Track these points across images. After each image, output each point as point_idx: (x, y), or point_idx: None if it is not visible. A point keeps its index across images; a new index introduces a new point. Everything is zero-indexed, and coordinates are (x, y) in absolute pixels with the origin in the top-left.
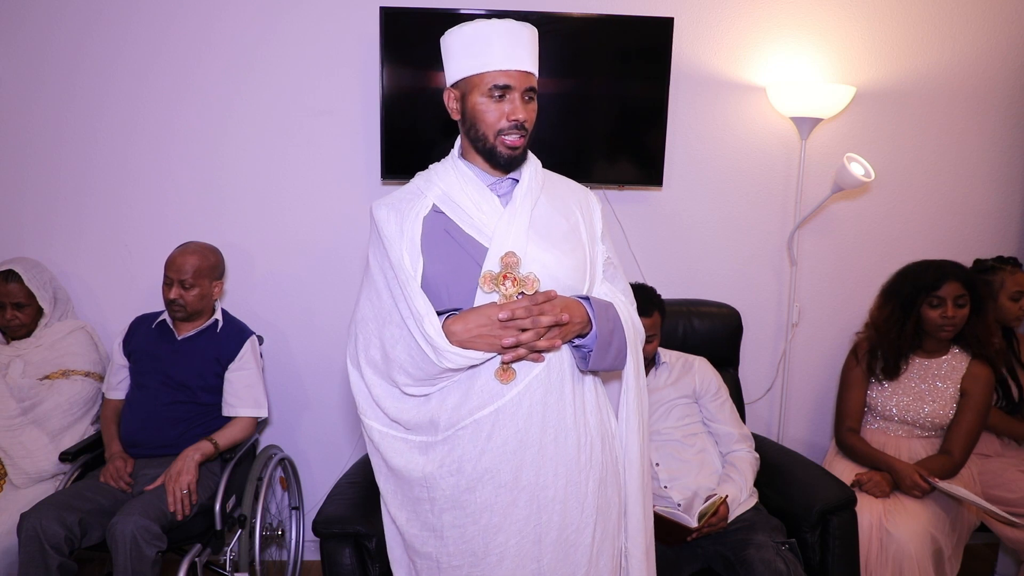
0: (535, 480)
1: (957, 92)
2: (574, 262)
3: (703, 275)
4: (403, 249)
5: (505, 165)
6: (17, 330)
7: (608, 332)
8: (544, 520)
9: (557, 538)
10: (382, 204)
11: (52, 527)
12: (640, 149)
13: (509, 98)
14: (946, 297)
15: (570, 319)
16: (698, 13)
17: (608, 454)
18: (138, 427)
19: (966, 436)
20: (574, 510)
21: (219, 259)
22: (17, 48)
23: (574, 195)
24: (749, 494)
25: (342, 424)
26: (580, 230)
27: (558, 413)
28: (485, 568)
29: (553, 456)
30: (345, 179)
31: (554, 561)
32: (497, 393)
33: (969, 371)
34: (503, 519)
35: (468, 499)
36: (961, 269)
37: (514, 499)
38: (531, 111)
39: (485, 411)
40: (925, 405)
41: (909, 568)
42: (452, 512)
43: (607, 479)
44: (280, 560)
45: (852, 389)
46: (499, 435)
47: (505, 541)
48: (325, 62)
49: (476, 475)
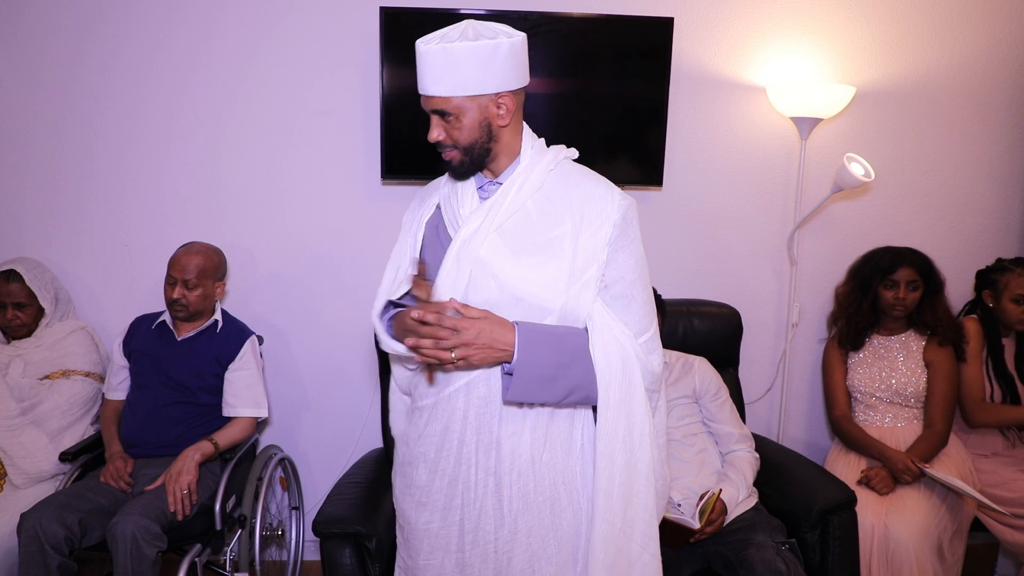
0: (460, 473)
1: (957, 92)
2: (541, 277)
3: (703, 275)
4: (408, 234)
5: (453, 174)
6: (18, 330)
7: (553, 365)
8: (468, 514)
9: (478, 526)
10: (416, 193)
11: (52, 527)
12: (640, 149)
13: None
14: (900, 280)
15: (470, 340)
16: (698, 13)
17: (547, 485)
18: (138, 427)
19: (942, 403)
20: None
21: (222, 260)
22: (17, 48)
23: (580, 201)
24: (748, 494)
25: (342, 424)
26: (563, 243)
27: (497, 422)
28: (413, 542)
29: (476, 461)
30: (345, 179)
31: (475, 555)
32: (441, 386)
33: (928, 344)
34: (427, 497)
35: (409, 472)
36: (917, 256)
37: (440, 485)
38: (452, 129)
39: (428, 400)
40: (893, 378)
41: (909, 568)
42: (400, 479)
43: (558, 492)
44: (280, 560)
45: (833, 371)
46: (432, 426)
47: (429, 518)
48: (325, 62)
49: (413, 455)
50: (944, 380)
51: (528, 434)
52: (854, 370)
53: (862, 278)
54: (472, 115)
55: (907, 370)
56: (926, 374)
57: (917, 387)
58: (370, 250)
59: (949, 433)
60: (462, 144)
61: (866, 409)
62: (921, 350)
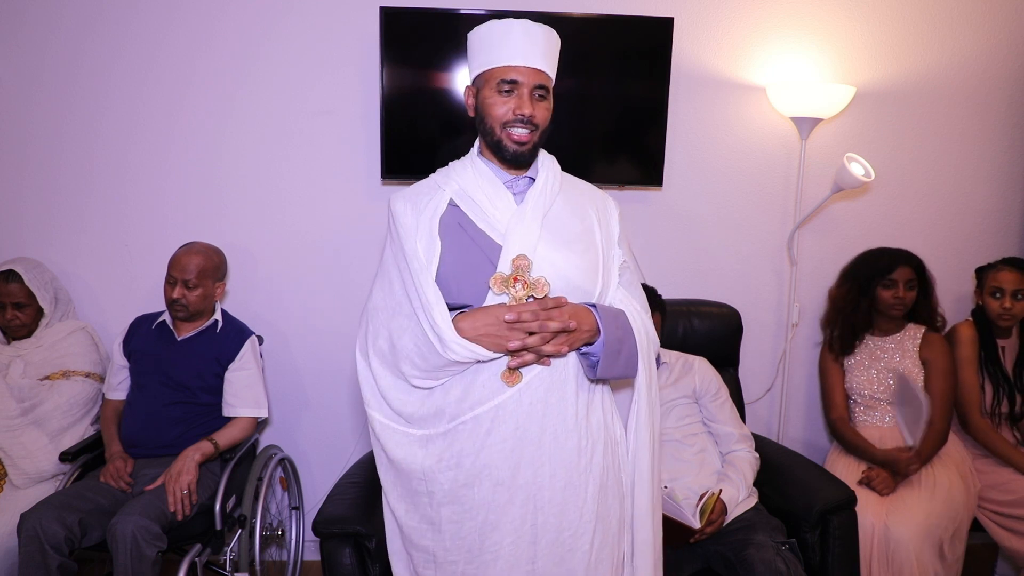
0: (532, 479)
1: (957, 92)
2: (586, 264)
3: (703, 275)
4: (417, 240)
5: (512, 159)
6: (18, 330)
7: (617, 340)
8: (540, 521)
9: (553, 540)
10: (400, 196)
11: (52, 527)
12: (640, 149)
13: (517, 93)
14: (898, 280)
15: (577, 326)
16: (698, 13)
17: (611, 460)
18: (138, 427)
19: (941, 402)
20: (572, 514)
21: (222, 260)
22: (17, 48)
23: (591, 198)
24: (748, 494)
25: (342, 424)
26: (595, 232)
27: (559, 413)
28: (480, 565)
29: (551, 456)
30: (345, 179)
31: (549, 564)
32: (498, 389)
33: (924, 340)
34: (499, 517)
35: (466, 494)
36: (912, 256)
37: (511, 497)
38: (542, 109)
39: (485, 407)
40: (890, 378)
41: (910, 568)
42: (450, 507)
43: (608, 485)
44: (280, 560)
45: (829, 375)
46: (498, 431)
47: (500, 539)
48: (325, 62)
49: (475, 471)
50: (941, 378)
51: (571, 419)
52: (851, 373)
53: (859, 279)
54: (551, 101)
55: (904, 370)
56: (923, 373)
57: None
58: (370, 250)
59: (948, 431)
60: (543, 126)
61: (866, 410)
62: (917, 349)
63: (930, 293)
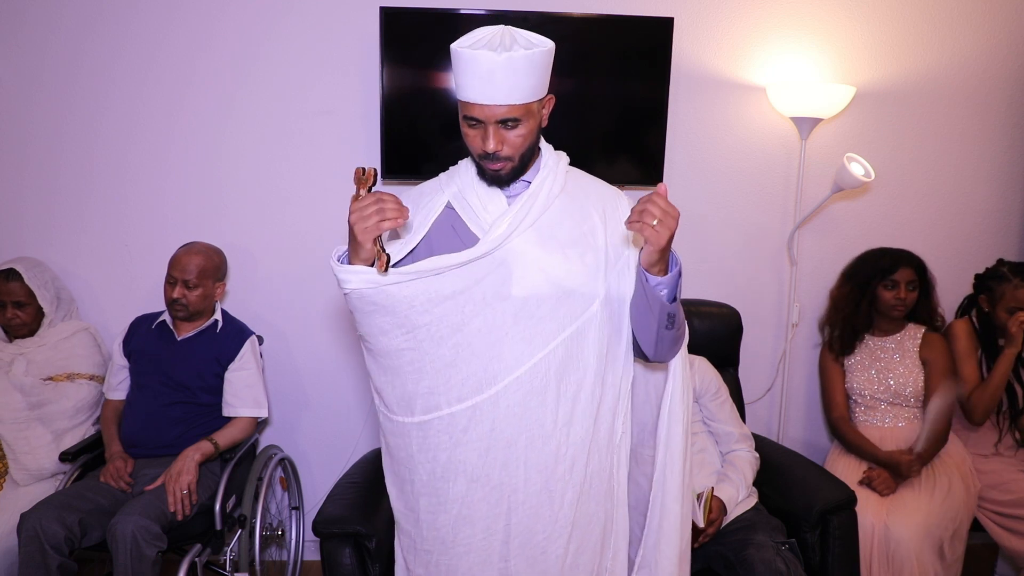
0: (507, 480)
1: (957, 92)
2: (582, 267)
3: (703, 275)
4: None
5: (493, 183)
6: (18, 329)
7: (679, 286)
8: (515, 522)
9: (526, 542)
10: (405, 195)
11: (52, 527)
12: (640, 149)
13: (481, 129)
14: (900, 280)
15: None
16: (698, 13)
17: (595, 468)
18: (138, 427)
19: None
20: (546, 517)
21: (223, 260)
22: (17, 48)
23: (599, 198)
24: (748, 493)
25: (342, 424)
26: (596, 235)
27: (537, 418)
28: (452, 557)
29: (527, 460)
30: (345, 179)
31: (522, 564)
32: (476, 389)
33: (924, 341)
34: (472, 512)
35: (442, 487)
36: (914, 257)
37: (485, 495)
38: (513, 137)
39: (462, 405)
40: (891, 379)
41: (910, 568)
42: (426, 498)
43: (590, 493)
44: (280, 560)
45: (830, 375)
46: (474, 430)
47: (472, 534)
48: (325, 62)
49: (451, 465)
50: (942, 378)
51: (551, 422)
52: (852, 373)
53: (860, 279)
54: (532, 121)
55: (904, 370)
56: (923, 373)
57: (916, 387)
58: None
59: (949, 431)
60: (519, 151)
61: (866, 411)
62: (917, 349)
63: (931, 294)
